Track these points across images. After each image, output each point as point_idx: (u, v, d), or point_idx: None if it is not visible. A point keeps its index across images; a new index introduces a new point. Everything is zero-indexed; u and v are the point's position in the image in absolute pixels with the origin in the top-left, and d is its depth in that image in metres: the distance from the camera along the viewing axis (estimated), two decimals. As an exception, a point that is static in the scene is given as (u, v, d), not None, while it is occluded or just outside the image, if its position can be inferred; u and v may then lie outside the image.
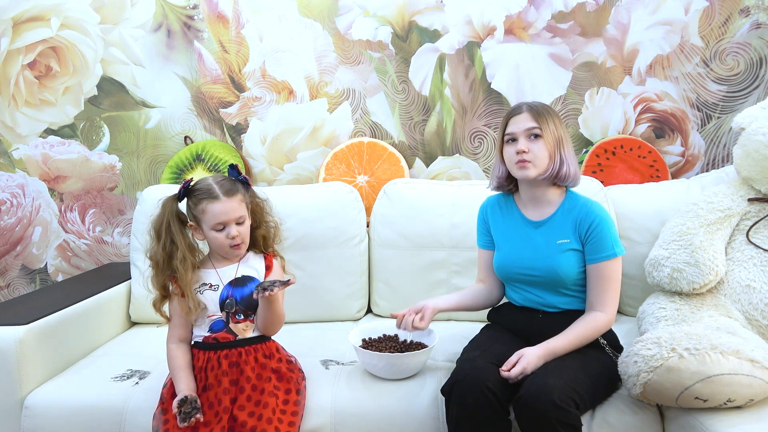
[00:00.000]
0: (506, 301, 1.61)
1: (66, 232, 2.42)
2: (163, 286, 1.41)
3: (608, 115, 2.20)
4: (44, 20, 2.27)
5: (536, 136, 1.44)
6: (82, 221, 2.41)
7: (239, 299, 1.42)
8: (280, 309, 1.42)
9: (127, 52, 2.29)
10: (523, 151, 1.42)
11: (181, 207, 1.45)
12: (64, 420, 1.47)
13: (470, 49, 2.20)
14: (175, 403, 1.29)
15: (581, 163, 2.12)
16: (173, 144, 2.33)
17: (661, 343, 1.24)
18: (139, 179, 2.37)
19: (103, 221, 2.41)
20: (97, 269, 2.28)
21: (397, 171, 2.20)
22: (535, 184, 1.49)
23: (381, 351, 1.50)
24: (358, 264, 1.98)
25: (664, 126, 2.18)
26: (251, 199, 1.47)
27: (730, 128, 2.08)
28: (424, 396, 1.43)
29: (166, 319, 1.44)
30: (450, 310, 1.60)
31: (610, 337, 1.47)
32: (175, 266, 1.38)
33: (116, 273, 2.13)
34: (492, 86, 2.21)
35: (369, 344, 1.56)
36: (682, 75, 2.14)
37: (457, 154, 2.27)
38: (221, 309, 1.41)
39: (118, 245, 2.42)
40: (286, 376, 1.42)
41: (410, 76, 2.24)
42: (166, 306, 1.44)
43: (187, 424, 1.27)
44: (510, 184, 1.55)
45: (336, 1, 2.22)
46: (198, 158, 2.25)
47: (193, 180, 1.44)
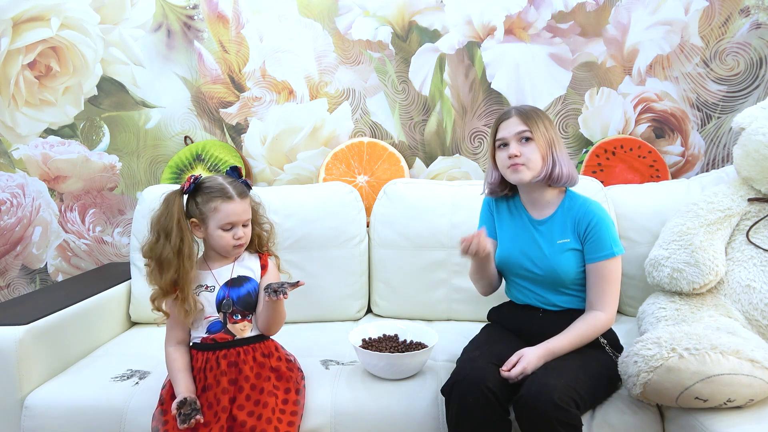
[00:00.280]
0: (506, 300, 1.62)
1: (66, 232, 2.42)
2: (173, 282, 1.37)
3: (608, 115, 2.19)
4: (44, 20, 2.27)
5: (527, 140, 1.44)
6: (82, 221, 2.41)
7: (236, 299, 1.42)
8: (283, 309, 1.42)
9: (127, 52, 2.29)
10: (515, 155, 1.43)
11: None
12: (64, 420, 1.47)
13: (470, 49, 2.20)
14: (175, 405, 1.29)
15: (581, 163, 2.12)
16: (173, 144, 2.33)
17: (661, 343, 1.24)
18: (139, 179, 2.37)
19: (103, 221, 2.41)
20: (97, 269, 2.28)
21: (397, 171, 2.20)
22: (532, 187, 1.49)
23: (381, 351, 1.50)
24: (358, 264, 1.98)
25: (664, 126, 2.18)
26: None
27: (730, 128, 2.08)
28: (424, 396, 1.43)
29: (166, 315, 1.41)
30: (489, 255, 1.51)
31: (610, 337, 1.47)
32: (179, 264, 1.37)
33: (116, 273, 2.13)
34: (492, 86, 2.21)
35: (369, 344, 1.56)
36: (682, 75, 2.14)
37: (457, 154, 2.27)
38: (218, 310, 1.42)
39: (118, 245, 2.42)
40: (286, 376, 1.42)
41: (410, 76, 2.24)
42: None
43: (186, 425, 1.26)
44: (504, 190, 1.56)
45: (336, 1, 2.22)
46: (198, 158, 2.25)
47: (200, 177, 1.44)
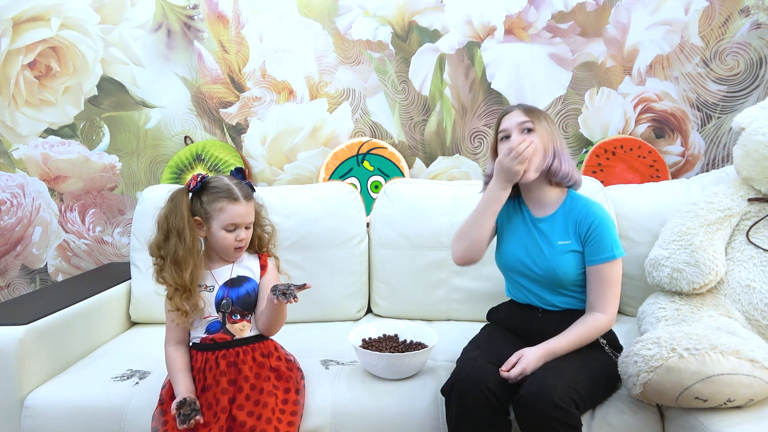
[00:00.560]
0: (506, 300, 1.62)
1: (66, 232, 2.42)
2: (191, 281, 1.36)
3: (608, 115, 2.19)
4: (44, 20, 2.27)
5: (529, 131, 1.44)
6: (82, 221, 2.41)
7: (235, 299, 1.42)
8: (285, 311, 1.42)
9: (127, 52, 2.29)
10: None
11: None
12: (64, 420, 1.47)
13: (470, 49, 2.20)
14: (174, 405, 1.29)
15: (581, 163, 2.12)
16: (173, 144, 2.33)
17: (661, 343, 1.24)
18: (139, 179, 2.37)
19: (103, 221, 2.41)
20: (97, 269, 2.28)
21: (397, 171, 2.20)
22: (533, 184, 1.48)
23: (381, 351, 1.50)
24: (358, 264, 1.98)
25: (664, 126, 2.18)
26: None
27: (730, 128, 2.08)
28: (424, 396, 1.43)
29: (184, 312, 1.37)
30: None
31: (610, 337, 1.47)
32: (194, 262, 1.37)
33: (116, 273, 2.13)
34: (492, 86, 2.21)
35: (369, 344, 1.56)
36: (682, 75, 2.14)
37: (457, 154, 2.27)
38: (217, 310, 1.42)
39: (118, 245, 2.42)
40: (285, 376, 1.42)
41: (410, 76, 2.24)
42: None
43: (186, 425, 1.26)
44: None
45: (336, 1, 2.22)
46: (198, 158, 2.25)
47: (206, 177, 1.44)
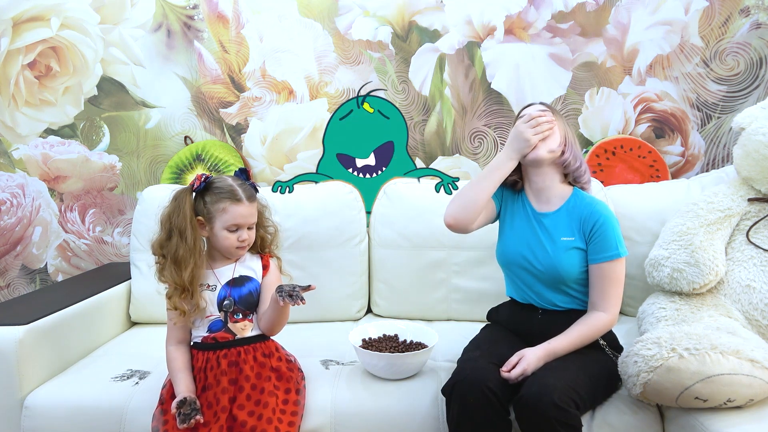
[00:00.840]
0: (506, 300, 1.62)
1: (66, 232, 2.42)
2: (191, 281, 1.37)
3: (608, 115, 2.19)
4: (44, 20, 2.27)
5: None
6: (82, 221, 2.41)
7: (237, 299, 1.42)
8: (288, 311, 1.42)
9: (127, 52, 2.29)
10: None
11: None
12: (64, 420, 1.47)
13: (470, 49, 2.20)
14: (174, 404, 1.29)
15: (581, 163, 2.12)
16: (173, 144, 2.33)
17: (661, 343, 1.24)
18: (139, 179, 2.37)
19: (103, 221, 2.41)
20: (97, 269, 2.28)
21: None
22: (542, 170, 1.48)
23: (381, 351, 1.50)
24: (358, 264, 1.98)
25: (664, 126, 2.18)
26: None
27: (730, 128, 2.08)
28: (425, 396, 1.43)
29: (183, 311, 1.38)
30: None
31: (610, 338, 1.47)
32: (194, 261, 1.37)
33: (116, 273, 2.13)
34: (492, 86, 2.21)
35: (369, 344, 1.56)
36: (682, 75, 2.14)
37: (457, 154, 2.27)
38: (219, 309, 1.42)
39: (118, 245, 2.42)
40: (286, 376, 1.42)
41: (410, 76, 2.24)
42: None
43: (186, 425, 1.27)
44: (513, 175, 1.53)
45: (336, 1, 2.22)
46: (198, 158, 2.25)
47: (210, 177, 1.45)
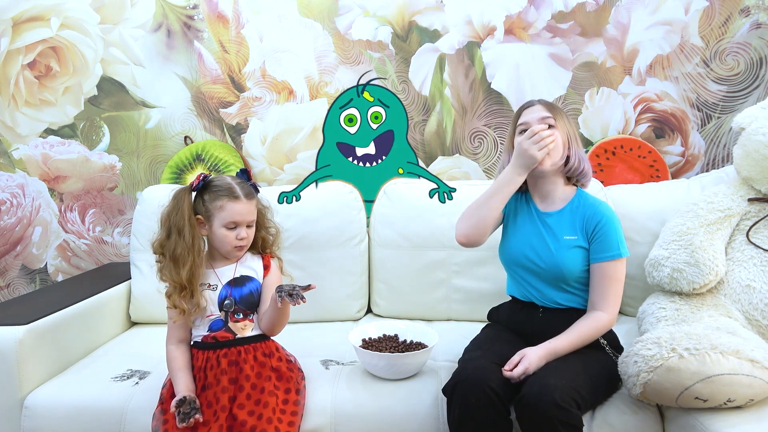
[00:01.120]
0: (506, 300, 1.62)
1: (66, 232, 2.42)
2: (189, 279, 1.37)
3: (608, 115, 2.19)
4: (44, 20, 2.27)
5: (550, 126, 1.44)
6: (82, 221, 2.41)
7: (238, 299, 1.42)
8: (288, 311, 1.42)
9: (127, 52, 2.29)
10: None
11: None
12: (64, 420, 1.47)
13: (470, 49, 2.20)
14: (174, 404, 1.29)
15: (581, 163, 2.12)
16: (173, 144, 2.33)
17: (661, 343, 1.24)
18: (139, 179, 2.37)
19: (103, 221, 2.41)
20: (97, 269, 2.28)
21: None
22: (546, 178, 1.48)
23: (381, 351, 1.50)
24: (358, 264, 1.98)
25: (664, 126, 2.18)
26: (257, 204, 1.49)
27: (730, 128, 2.08)
28: (425, 396, 1.43)
29: (182, 311, 1.38)
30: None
31: (610, 337, 1.47)
32: (193, 260, 1.37)
33: (116, 273, 2.13)
34: (492, 86, 2.21)
35: (369, 344, 1.56)
36: (682, 75, 2.14)
37: (457, 154, 2.27)
38: (220, 309, 1.42)
39: (118, 245, 2.42)
40: (286, 376, 1.42)
41: (410, 76, 2.24)
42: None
43: (186, 424, 1.27)
44: None
45: (336, 1, 2.22)
46: (198, 158, 2.25)
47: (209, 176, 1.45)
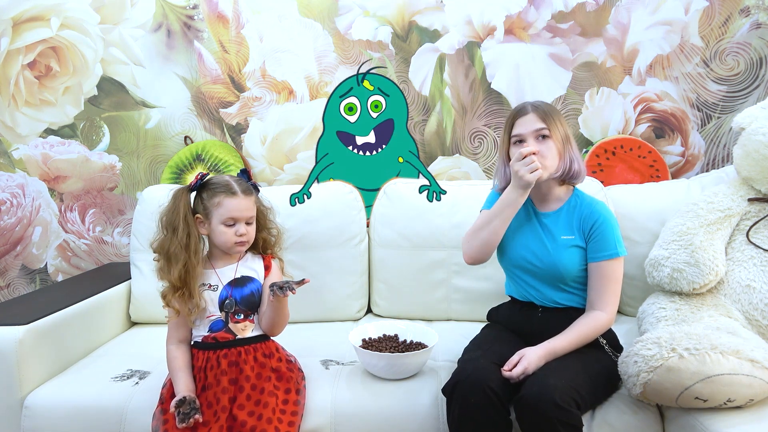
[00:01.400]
0: (506, 300, 1.62)
1: (66, 232, 2.42)
2: (180, 278, 1.37)
3: (608, 115, 2.19)
4: (44, 20, 2.27)
5: (544, 137, 1.43)
6: (82, 221, 2.41)
7: (239, 299, 1.42)
8: (287, 310, 1.42)
9: (127, 52, 2.29)
10: (533, 153, 1.40)
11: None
12: (64, 420, 1.47)
13: (470, 49, 2.20)
14: (173, 404, 1.29)
15: (581, 163, 2.12)
16: (173, 144, 2.33)
17: (661, 343, 1.24)
18: (139, 179, 2.37)
19: (103, 221, 2.41)
20: (97, 269, 2.28)
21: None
22: (543, 184, 1.48)
23: (381, 351, 1.50)
24: (358, 264, 1.98)
25: (664, 126, 2.18)
26: (258, 204, 1.50)
27: (730, 128, 2.08)
28: (425, 396, 1.43)
29: (177, 311, 1.39)
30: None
31: (610, 337, 1.48)
32: (186, 258, 1.37)
33: (116, 273, 2.13)
34: (492, 86, 2.21)
35: (369, 344, 1.56)
36: (682, 75, 2.14)
37: (457, 154, 2.27)
38: (220, 309, 1.42)
39: (118, 245, 2.42)
40: (286, 376, 1.42)
41: (410, 76, 2.24)
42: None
43: (185, 425, 1.27)
44: None
45: (336, 1, 2.22)
46: (198, 158, 2.25)
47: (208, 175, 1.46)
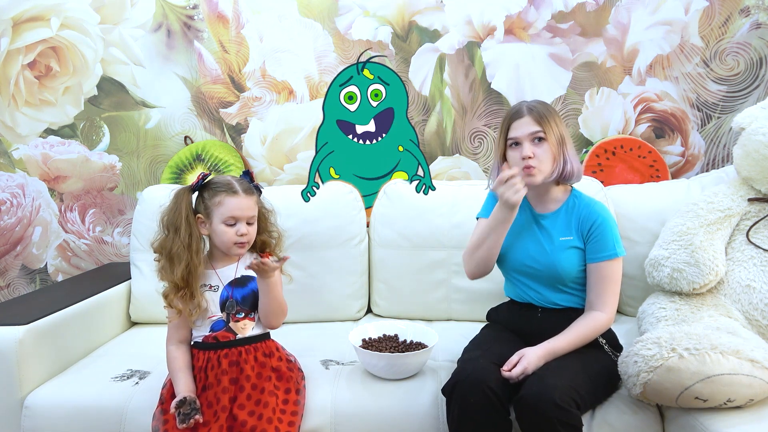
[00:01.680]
0: (505, 300, 1.62)
1: (66, 232, 2.42)
2: (182, 278, 1.37)
3: (608, 115, 2.19)
4: (44, 20, 2.27)
5: (540, 140, 1.43)
6: (82, 221, 2.41)
7: (240, 299, 1.43)
8: (280, 296, 1.42)
9: (127, 52, 2.29)
10: (529, 157, 1.41)
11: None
12: (64, 420, 1.47)
13: (470, 49, 2.20)
14: (174, 404, 1.29)
15: (581, 163, 2.12)
16: (173, 144, 2.33)
17: (661, 343, 1.24)
18: (139, 179, 2.37)
19: (103, 221, 2.41)
20: (97, 269, 2.28)
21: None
22: (539, 185, 1.48)
23: (381, 351, 1.50)
24: (358, 264, 1.98)
25: (664, 126, 2.18)
26: (260, 206, 1.49)
27: (730, 128, 2.08)
28: (425, 396, 1.44)
29: (179, 311, 1.38)
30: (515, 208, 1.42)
31: (610, 337, 1.48)
32: (189, 258, 1.37)
33: (116, 273, 2.13)
34: (492, 86, 2.21)
35: (369, 344, 1.56)
36: (682, 75, 2.14)
37: (457, 154, 2.27)
38: (221, 310, 1.42)
39: (118, 245, 2.42)
40: (286, 376, 1.42)
41: (410, 76, 2.24)
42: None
43: (186, 425, 1.27)
44: None
45: (336, 1, 2.21)
46: (198, 158, 2.25)
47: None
